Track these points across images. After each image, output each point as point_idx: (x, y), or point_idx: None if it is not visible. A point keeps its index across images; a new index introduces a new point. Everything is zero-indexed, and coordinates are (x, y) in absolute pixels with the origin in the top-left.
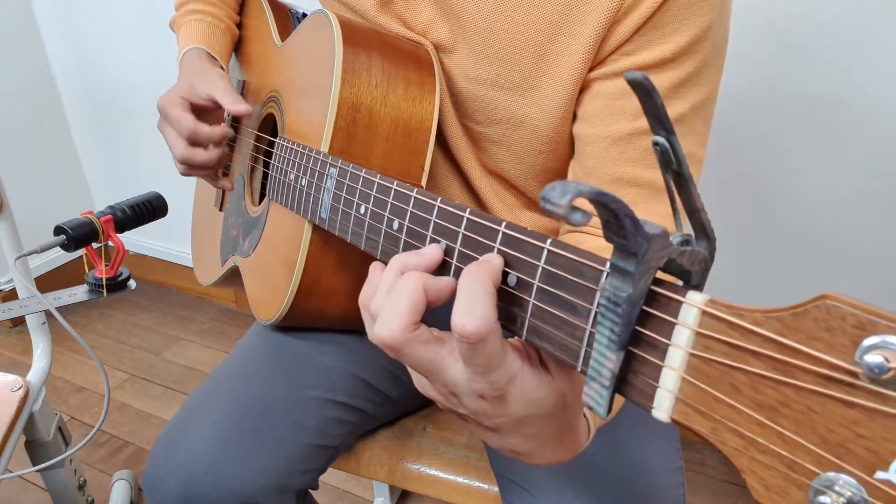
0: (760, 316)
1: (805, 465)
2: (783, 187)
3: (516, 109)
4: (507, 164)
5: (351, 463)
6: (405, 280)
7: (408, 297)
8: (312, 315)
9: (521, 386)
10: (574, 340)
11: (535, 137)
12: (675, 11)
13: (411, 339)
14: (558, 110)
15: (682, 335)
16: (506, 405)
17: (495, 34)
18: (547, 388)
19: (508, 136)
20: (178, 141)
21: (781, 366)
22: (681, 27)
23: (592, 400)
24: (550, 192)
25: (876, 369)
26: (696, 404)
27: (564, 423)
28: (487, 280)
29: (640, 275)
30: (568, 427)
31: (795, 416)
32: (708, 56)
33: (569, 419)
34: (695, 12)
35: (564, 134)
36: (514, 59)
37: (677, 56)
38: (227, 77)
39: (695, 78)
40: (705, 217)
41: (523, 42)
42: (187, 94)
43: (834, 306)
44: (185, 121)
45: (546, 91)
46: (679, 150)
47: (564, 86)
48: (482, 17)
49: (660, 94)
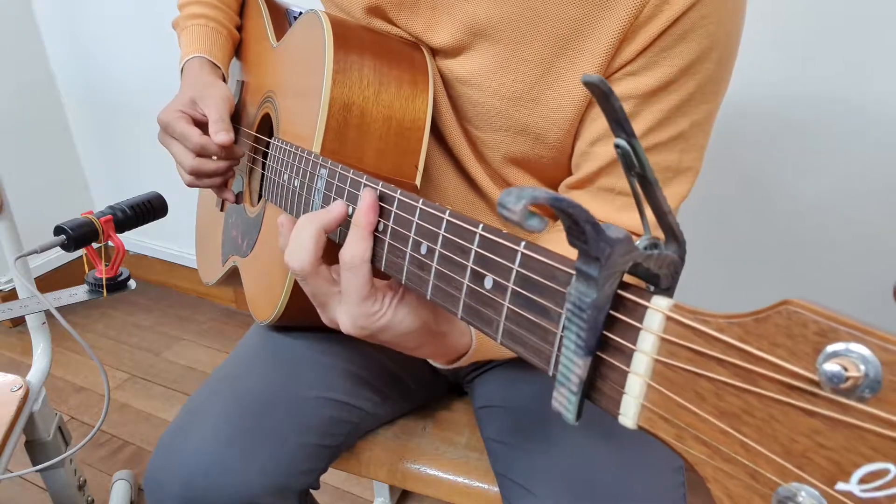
0: (724, 322)
1: (767, 475)
2: (779, 189)
3: (517, 118)
4: (506, 170)
5: (351, 463)
6: (302, 221)
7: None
8: (309, 315)
9: (391, 328)
10: (546, 345)
11: (538, 143)
12: (680, 34)
13: (315, 272)
14: (566, 122)
15: (647, 341)
16: (381, 338)
17: (502, 43)
18: (410, 321)
19: (507, 141)
20: (186, 154)
21: (744, 373)
22: (685, 49)
23: (561, 405)
24: (506, 197)
25: (834, 378)
26: (661, 411)
27: (434, 335)
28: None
29: (604, 279)
30: (439, 336)
31: (758, 425)
32: (712, 73)
33: (440, 331)
34: (699, 35)
35: (568, 146)
36: (518, 69)
37: (679, 77)
38: (228, 94)
39: (698, 96)
40: (673, 220)
41: (529, 54)
42: (187, 107)
43: (796, 312)
44: (193, 135)
45: (550, 103)
46: (641, 152)
47: (572, 100)
48: (489, 26)
49: (654, 98)
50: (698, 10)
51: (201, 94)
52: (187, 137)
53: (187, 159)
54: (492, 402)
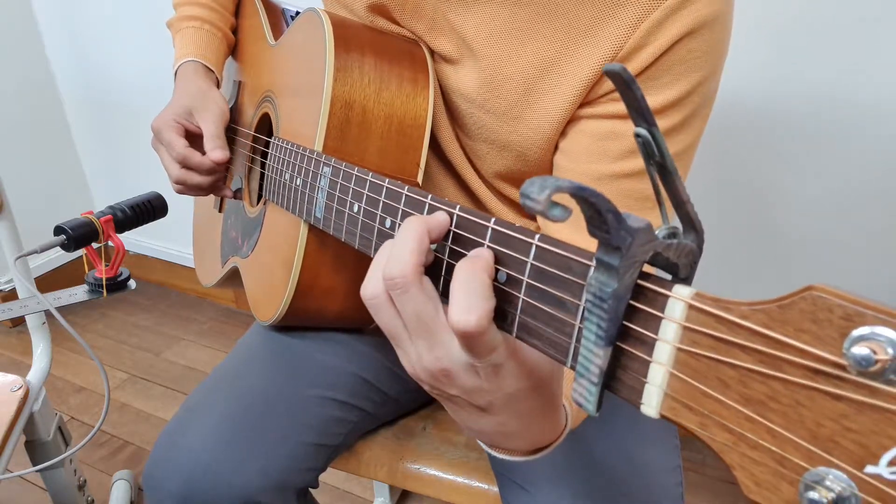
0: (747, 309)
1: (795, 460)
2: (779, 187)
3: (501, 134)
4: (494, 178)
5: (351, 463)
6: (407, 223)
7: (413, 236)
8: (311, 314)
9: (520, 359)
10: (563, 336)
11: (519, 160)
12: (670, 66)
13: (419, 282)
14: (543, 142)
15: (669, 330)
16: (501, 378)
17: (486, 59)
18: (538, 355)
19: (493, 155)
20: (172, 164)
21: (769, 359)
22: (674, 81)
23: (581, 397)
24: (529, 187)
25: (863, 361)
26: (685, 399)
27: (551, 397)
28: (482, 273)
29: (624, 269)
30: (552, 401)
31: (784, 411)
32: (697, 107)
33: (554, 391)
34: (689, 68)
35: (548, 163)
36: (502, 87)
37: (667, 108)
38: (223, 104)
39: (680, 128)
40: (692, 209)
41: (512, 72)
42: (182, 118)
43: (821, 297)
44: (177, 146)
45: (530, 123)
46: (661, 141)
47: (550, 121)
48: (478, 40)
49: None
50: (686, 43)
51: (197, 105)
52: (172, 147)
53: (173, 169)
54: None
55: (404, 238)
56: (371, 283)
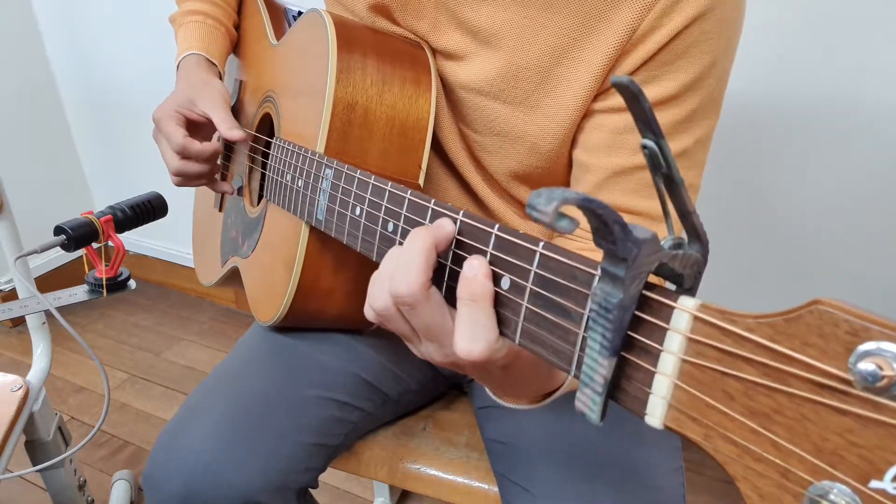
0: (753, 322)
1: (799, 473)
2: (781, 190)
3: (516, 125)
4: (502, 176)
5: (351, 463)
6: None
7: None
8: (312, 315)
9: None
10: (567, 345)
11: (532, 153)
12: (682, 49)
13: (427, 298)
14: (559, 131)
15: (675, 341)
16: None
17: (502, 49)
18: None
19: (505, 149)
20: (171, 154)
21: (774, 372)
22: (686, 65)
23: (585, 406)
24: (536, 198)
25: (869, 377)
26: (689, 411)
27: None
28: (484, 302)
29: (630, 280)
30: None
31: (789, 424)
32: (714, 90)
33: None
34: (701, 50)
35: (563, 155)
36: (518, 77)
37: (682, 93)
38: (225, 93)
39: (700, 112)
40: (697, 220)
41: (528, 61)
42: (183, 107)
43: (827, 312)
44: (177, 136)
45: (547, 111)
46: (668, 152)
47: (567, 109)
48: (493, 31)
49: (654, 111)
50: (700, 24)
51: (199, 93)
52: (171, 137)
53: (172, 160)
54: (492, 403)
55: (412, 254)
56: (380, 298)
